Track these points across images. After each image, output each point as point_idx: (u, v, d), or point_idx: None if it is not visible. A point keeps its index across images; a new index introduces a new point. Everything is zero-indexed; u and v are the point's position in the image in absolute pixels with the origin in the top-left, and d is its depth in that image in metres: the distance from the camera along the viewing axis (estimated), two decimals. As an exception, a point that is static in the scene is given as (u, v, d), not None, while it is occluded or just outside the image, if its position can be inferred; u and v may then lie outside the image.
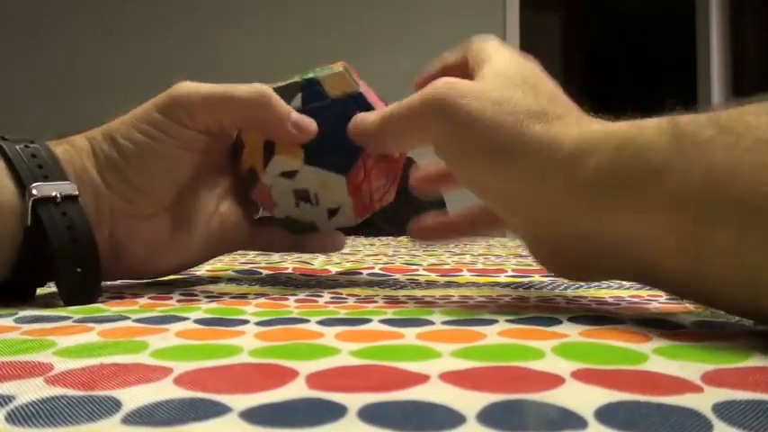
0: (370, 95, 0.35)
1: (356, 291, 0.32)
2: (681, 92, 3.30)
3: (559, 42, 4.06)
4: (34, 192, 0.27)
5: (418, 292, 0.32)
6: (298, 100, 0.34)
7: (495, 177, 0.26)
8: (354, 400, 0.13)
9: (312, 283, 0.37)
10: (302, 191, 0.34)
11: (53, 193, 0.27)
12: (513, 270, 0.43)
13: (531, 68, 0.29)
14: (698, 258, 0.20)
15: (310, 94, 0.34)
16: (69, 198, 0.28)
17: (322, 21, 2.43)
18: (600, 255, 0.24)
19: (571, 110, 0.27)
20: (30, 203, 0.27)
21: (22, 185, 0.27)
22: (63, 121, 2.30)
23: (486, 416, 0.12)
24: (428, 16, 2.48)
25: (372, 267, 0.46)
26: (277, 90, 0.34)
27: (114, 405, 0.13)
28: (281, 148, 0.34)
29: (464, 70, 0.31)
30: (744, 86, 2.71)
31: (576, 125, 0.25)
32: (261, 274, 0.42)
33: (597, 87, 4.14)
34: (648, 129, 0.22)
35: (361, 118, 0.32)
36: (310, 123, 0.33)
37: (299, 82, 0.34)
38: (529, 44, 2.80)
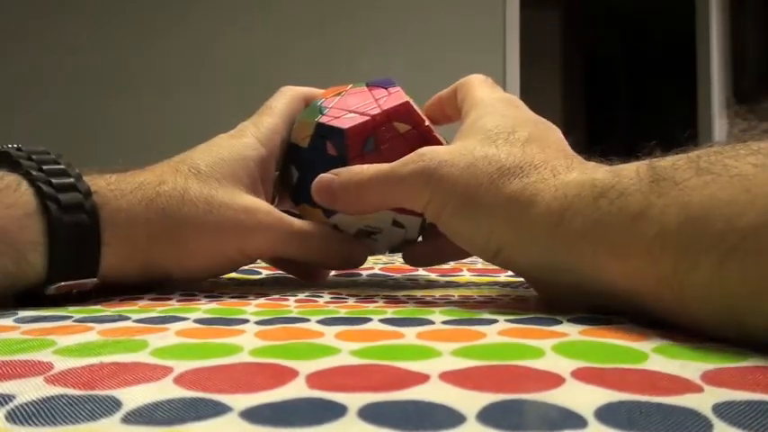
0: (340, 109, 0.34)
1: (356, 290, 0.32)
2: (680, 92, 3.30)
3: (559, 41, 4.06)
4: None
5: (418, 292, 0.32)
6: (295, 172, 0.35)
7: (480, 235, 0.27)
8: (354, 400, 0.13)
9: (312, 283, 0.37)
10: (357, 232, 0.35)
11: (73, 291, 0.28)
12: (513, 270, 0.43)
13: (508, 113, 0.30)
14: (681, 299, 0.20)
15: (294, 158, 0.35)
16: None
17: (319, 18, 2.43)
18: (588, 293, 0.24)
19: (549, 153, 0.27)
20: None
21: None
22: (63, 121, 2.30)
23: (486, 416, 0.12)
24: (427, 14, 2.48)
25: (372, 267, 0.45)
26: (280, 177, 0.37)
27: (114, 404, 0.13)
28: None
29: (454, 104, 0.35)
30: (744, 87, 2.71)
31: (551, 177, 0.25)
32: (261, 274, 0.42)
33: (597, 86, 4.15)
34: (626, 175, 0.22)
35: (327, 180, 0.32)
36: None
37: (289, 158, 0.36)
38: (529, 43, 2.80)
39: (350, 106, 0.34)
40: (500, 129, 0.29)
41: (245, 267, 0.44)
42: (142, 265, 0.31)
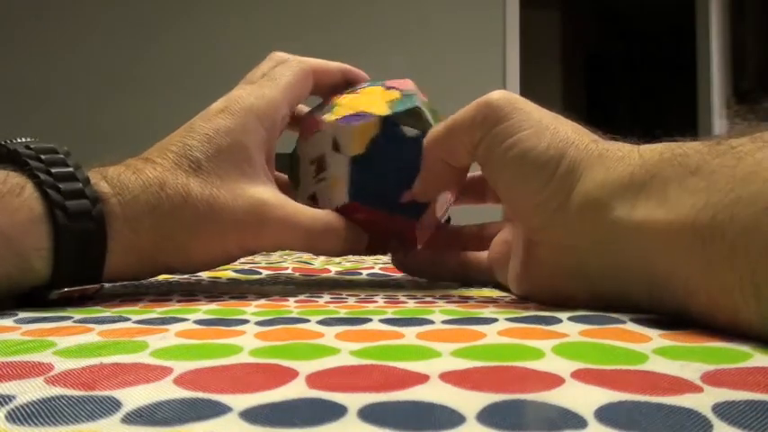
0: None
1: (356, 291, 0.32)
2: (680, 91, 3.30)
3: (559, 41, 4.06)
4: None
5: (418, 292, 0.32)
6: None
7: (536, 181, 0.26)
8: (354, 400, 0.13)
9: (312, 283, 0.37)
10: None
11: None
12: (513, 270, 0.43)
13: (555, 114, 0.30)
14: (708, 264, 0.20)
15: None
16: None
17: (319, 18, 2.43)
18: (609, 266, 0.24)
19: None
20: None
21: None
22: (61, 121, 2.30)
23: (486, 416, 0.12)
24: (427, 14, 2.48)
25: (372, 267, 0.46)
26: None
27: (114, 405, 0.13)
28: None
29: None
30: (744, 87, 2.71)
31: (633, 146, 0.26)
32: (261, 273, 0.42)
33: (597, 86, 4.15)
34: (692, 143, 0.23)
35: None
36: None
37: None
38: (529, 42, 2.80)
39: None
40: (555, 116, 0.29)
41: (245, 267, 0.44)
42: (146, 267, 0.31)
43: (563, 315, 0.23)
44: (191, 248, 0.31)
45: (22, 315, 0.24)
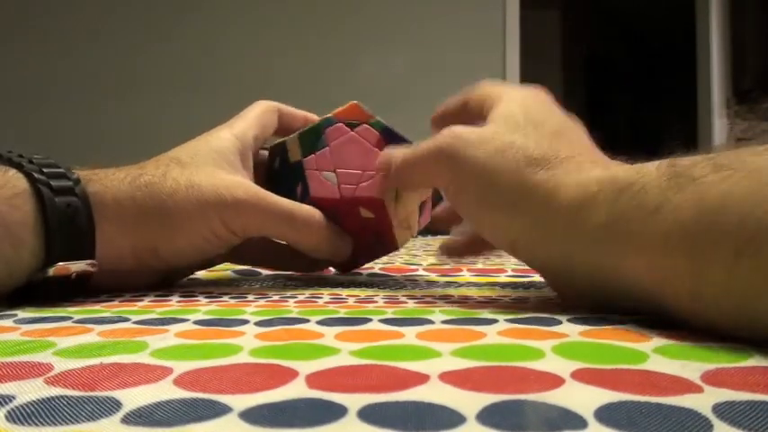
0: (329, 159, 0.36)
1: (356, 291, 0.32)
2: (680, 91, 3.30)
3: (559, 40, 4.06)
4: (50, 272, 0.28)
5: (418, 292, 0.32)
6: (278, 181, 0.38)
7: (499, 223, 0.27)
8: (354, 400, 0.13)
9: (312, 283, 0.37)
10: None
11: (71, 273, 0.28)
12: (513, 270, 0.43)
13: (537, 106, 0.30)
14: (696, 295, 0.20)
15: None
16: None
17: (319, 19, 2.43)
18: (604, 290, 0.24)
19: (575, 148, 0.27)
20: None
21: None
22: (61, 123, 2.30)
23: (486, 416, 0.12)
24: (427, 14, 2.48)
25: (372, 267, 0.45)
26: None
27: (114, 405, 0.13)
28: None
29: (478, 109, 0.32)
30: (744, 87, 2.71)
31: (576, 171, 0.25)
32: (261, 274, 0.42)
33: (597, 86, 4.15)
34: (646, 172, 0.22)
35: (389, 153, 0.33)
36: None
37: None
38: (529, 42, 2.80)
39: (337, 163, 0.35)
40: (529, 118, 0.29)
41: (245, 268, 0.44)
42: (132, 246, 0.31)
43: (563, 316, 0.23)
44: (174, 224, 0.32)
45: (22, 315, 0.24)
